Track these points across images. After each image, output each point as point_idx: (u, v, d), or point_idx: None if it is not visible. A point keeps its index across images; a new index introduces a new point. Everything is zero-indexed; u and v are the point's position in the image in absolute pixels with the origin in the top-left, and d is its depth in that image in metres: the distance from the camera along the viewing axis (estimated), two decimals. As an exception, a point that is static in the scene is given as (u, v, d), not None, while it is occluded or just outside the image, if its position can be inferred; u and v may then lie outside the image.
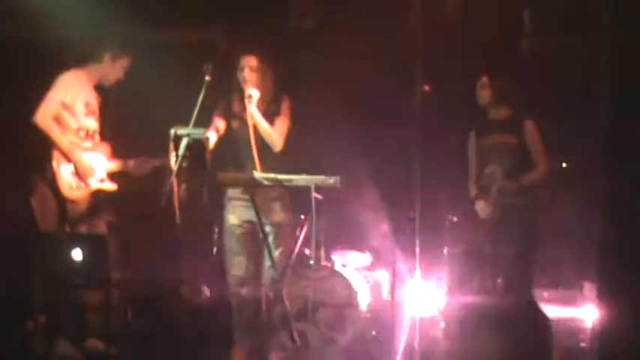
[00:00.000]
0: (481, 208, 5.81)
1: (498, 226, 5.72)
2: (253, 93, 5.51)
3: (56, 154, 5.68)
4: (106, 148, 6.01)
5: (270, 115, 5.61)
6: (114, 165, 6.01)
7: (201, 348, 5.40)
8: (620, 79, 3.78)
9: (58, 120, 5.72)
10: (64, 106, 5.74)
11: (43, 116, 5.66)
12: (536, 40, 7.13)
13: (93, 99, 5.95)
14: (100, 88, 6.04)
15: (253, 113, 5.50)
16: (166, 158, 5.21)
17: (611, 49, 3.85)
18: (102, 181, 5.92)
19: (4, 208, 6.46)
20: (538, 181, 5.79)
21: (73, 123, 5.79)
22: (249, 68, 5.59)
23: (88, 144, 5.88)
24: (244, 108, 5.55)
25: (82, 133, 5.85)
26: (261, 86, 5.57)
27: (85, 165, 5.78)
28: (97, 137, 5.96)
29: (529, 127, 5.83)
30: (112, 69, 5.99)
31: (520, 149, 5.80)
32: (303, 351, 5.64)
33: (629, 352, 3.55)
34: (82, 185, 5.77)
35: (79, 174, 5.75)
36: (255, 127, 5.51)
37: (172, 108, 5.54)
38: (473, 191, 5.97)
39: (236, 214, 5.64)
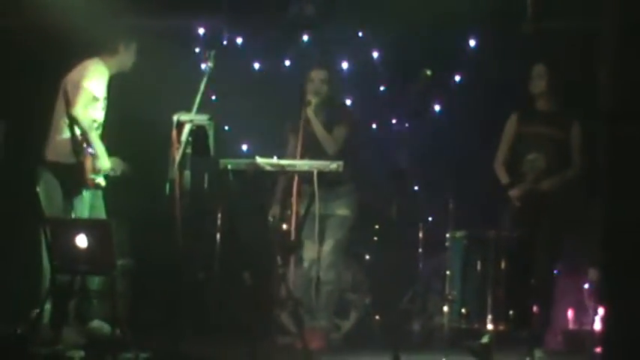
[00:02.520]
0: (516, 194, 5.82)
1: (530, 212, 5.75)
2: (313, 99, 6.04)
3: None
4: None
5: (329, 122, 6.12)
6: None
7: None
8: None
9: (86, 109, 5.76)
10: (94, 98, 5.78)
11: (83, 109, 5.68)
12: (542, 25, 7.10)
13: (106, 92, 5.97)
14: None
15: (310, 117, 6.00)
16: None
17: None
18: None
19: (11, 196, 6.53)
20: (574, 178, 5.83)
21: (92, 114, 5.81)
22: (320, 81, 6.15)
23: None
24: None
25: (95, 125, 5.86)
26: (322, 94, 6.13)
27: (105, 163, 5.81)
28: (100, 130, 5.96)
29: (577, 127, 5.88)
30: (128, 56, 6.02)
31: (564, 145, 5.85)
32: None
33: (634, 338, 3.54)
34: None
35: (96, 166, 5.77)
36: (306, 133, 5.91)
37: (172, 96, 5.60)
38: (504, 177, 5.98)
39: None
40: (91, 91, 5.75)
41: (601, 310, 6.22)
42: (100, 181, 5.80)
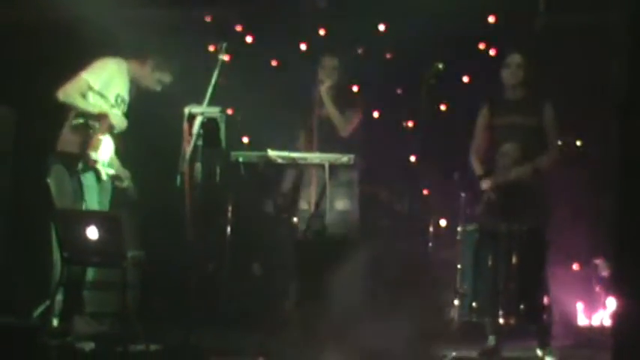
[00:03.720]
0: (487, 185, 5.78)
1: (510, 203, 5.69)
2: (327, 80, 6.19)
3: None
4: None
5: (342, 104, 6.22)
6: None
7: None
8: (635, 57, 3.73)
9: (84, 97, 5.77)
10: (92, 89, 5.79)
11: (65, 92, 5.71)
12: (555, 19, 7.07)
13: (124, 92, 5.98)
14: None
15: (323, 95, 6.15)
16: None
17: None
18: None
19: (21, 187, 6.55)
20: (548, 165, 5.77)
21: (98, 105, 5.82)
22: (332, 68, 6.26)
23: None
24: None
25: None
26: (336, 80, 6.25)
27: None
28: (113, 129, 5.93)
29: (548, 109, 5.81)
30: (150, 77, 6.01)
31: (538, 131, 5.79)
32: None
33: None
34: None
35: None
36: (319, 116, 6.09)
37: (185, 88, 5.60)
38: (478, 168, 5.93)
39: None
40: (86, 81, 5.76)
41: (611, 304, 6.21)
42: (101, 169, 5.81)
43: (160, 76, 6.00)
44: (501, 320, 5.39)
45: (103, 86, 5.83)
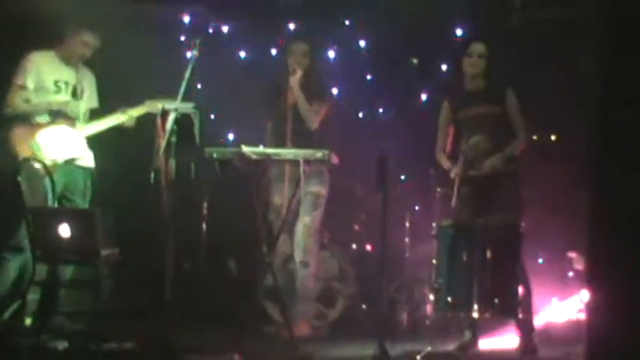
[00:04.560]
0: (456, 172, 5.73)
1: (484, 198, 5.69)
2: (298, 70, 6.07)
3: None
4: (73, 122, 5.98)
5: (311, 97, 6.10)
6: (104, 123, 6.00)
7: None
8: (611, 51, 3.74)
9: (27, 102, 5.81)
10: (31, 89, 5.81)
11: (12, 106, 5.78)
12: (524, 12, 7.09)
13: (65, 75, 5.95)
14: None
15: (293, 85, 6.04)
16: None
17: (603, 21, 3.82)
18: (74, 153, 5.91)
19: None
20: (519, 151, 5.75)
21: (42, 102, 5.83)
22: (302, 54, 6.15)
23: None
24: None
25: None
26: (306, 68, 6.13)
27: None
28: (69, 112, 5.92)
29: (510, 95, 5.76)
30: (75, 43, 5.95)
31: (504, 119, 5.74)
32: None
33: (619, 327, 3.53)
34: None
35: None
36: (292, 106, 6.03)
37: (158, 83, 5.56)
38: (445, 163, 5.88)
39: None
40: (19, 86, 5.80)
41: (585, 298, 6.23)
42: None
43: (83, 38, 5.94)
44: (476, 314, 5.39)
45: (37, 80, 5.83)
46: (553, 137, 7.36)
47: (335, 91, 7.33)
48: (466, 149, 5.65)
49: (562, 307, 6.68)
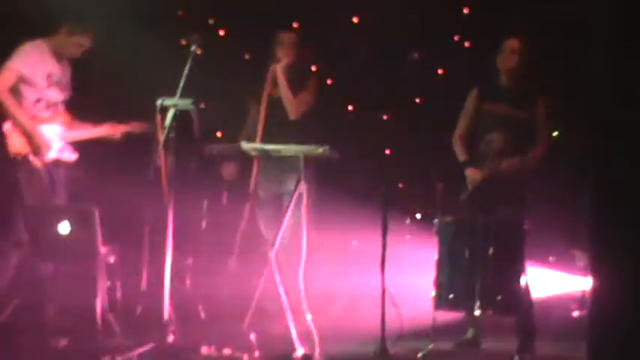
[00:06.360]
0: (471, 174, 5.71)
1: (491, 194, 5.65)
2: (284, 58, 5.93)
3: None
4: (65, 118, 5.96)
5: (296, 87, 5.96)
6: (93, 132, 5.98)
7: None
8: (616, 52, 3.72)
9: (15, 91, 5.71)
10: (22, 77, 5.72)
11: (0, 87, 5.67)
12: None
13: (57, 70, 5.91)
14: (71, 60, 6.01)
15: (278, 75, 5.91)
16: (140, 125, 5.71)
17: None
18: (61, 151, 5.87)
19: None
20: (538, 159, 5.70)
21: (30, 95, 5.77)
22: (289, 44, 6.01)
23: (46, 114, 5.84)
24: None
25: (42, 104, 5.83)
26: (293, 58, 5.99)
27: (41, 140, 5.75)
28: (60, 108, 5.91)
29: (542, 104, 5.68)
30: (68, 43, 5.92)
31: (528, 124, 5.65)
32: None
33: (620, 319, 3.52)
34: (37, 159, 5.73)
35: (34, 148, 5.71)
36: (269, 99, 5.88)
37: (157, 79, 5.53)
38: (462, 154, 5.85)
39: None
40: (14, 70, 5.71)
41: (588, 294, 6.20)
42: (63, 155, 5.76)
43: (78, 39, 5.91)
44: (478, 312, 5.36)
45: (32, 70, 5.76)
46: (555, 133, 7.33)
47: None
48: (483, 148, 5.63)
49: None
